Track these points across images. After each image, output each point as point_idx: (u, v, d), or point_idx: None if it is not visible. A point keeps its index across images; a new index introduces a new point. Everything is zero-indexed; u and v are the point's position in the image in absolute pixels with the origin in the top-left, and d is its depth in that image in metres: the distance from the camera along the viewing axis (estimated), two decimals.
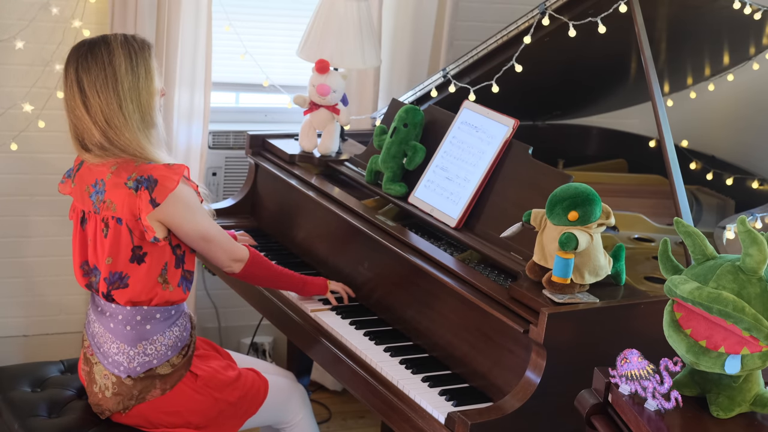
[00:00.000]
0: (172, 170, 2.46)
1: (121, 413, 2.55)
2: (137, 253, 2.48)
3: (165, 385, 2.55)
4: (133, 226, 2.46)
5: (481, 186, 2.78)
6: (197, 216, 2.52)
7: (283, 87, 3.78)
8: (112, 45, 2.46)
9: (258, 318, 3.86)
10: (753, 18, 3.06)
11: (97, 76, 2.44)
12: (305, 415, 2.84)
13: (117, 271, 2.49)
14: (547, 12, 2.97)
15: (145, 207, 2.43)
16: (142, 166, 2.46)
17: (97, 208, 2.50)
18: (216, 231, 2.58)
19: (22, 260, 3.72)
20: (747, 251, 1.87)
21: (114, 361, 2.53)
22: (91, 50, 2.46)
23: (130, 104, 2.46)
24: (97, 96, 2.44)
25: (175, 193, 2.45)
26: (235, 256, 2.64)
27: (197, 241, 2.54)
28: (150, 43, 2.55)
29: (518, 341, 2.36)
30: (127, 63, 2.46)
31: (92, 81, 2.44)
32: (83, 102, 2.45)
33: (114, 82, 2.44)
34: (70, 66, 2.48)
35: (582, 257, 2.36)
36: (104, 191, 2.48)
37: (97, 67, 2.44)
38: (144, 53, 2.49)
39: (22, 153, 3.57)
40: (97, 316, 2.58)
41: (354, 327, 2.75)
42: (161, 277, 2.52)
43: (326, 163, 3.32)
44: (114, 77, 2.44)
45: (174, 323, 2.57)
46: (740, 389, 1.92)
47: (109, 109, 2.44)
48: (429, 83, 3.41)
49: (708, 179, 3.66)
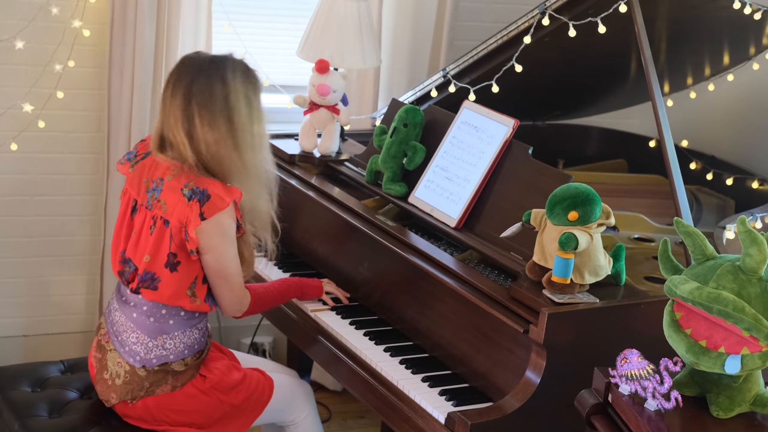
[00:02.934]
0: (227, 191, 2.45)
1: (128, 403, 2.55)
2: (171, 260, 2.48)
3: (176, 382, 2.55)
4: (176, 232, 2.45)
5: (481, 186, 2.78)
6: (226, 248, 2.49)
7: (283, 87, 3.78)
8: (229, 83, 2.45)
9: (258, 318, 3.86)
10: (753, 18, 3.06)
11: (211, 110, 2.42)
12: (309, 413, 2.83)
13: (151, 272, 2.49)
14: (547, 12, 2.97)
15: (193, 219, 2.42)
16: (202, 178, 2.45)
17: (150, 204, 2.50)
18: (235, 273, 2.54)
19: (22, 260, 3.72)
20: (747, 251, 1.87)
21: (131, 350, 2.54)
22: (208, 78, 2.43)
23: (245, 148, 2.47)
24: (209, 131, 2.42)
25: (221, 215, 2.43)
26: (239, 303, 2.61)
27: (213, 272, 2.51)
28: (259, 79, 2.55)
29: (518, 341, 2.36)
30: (245, 101, 2.47)
31: (204, 115, 2.42)
32: (186, 129, 2.43)
33: (229, 124, 2.44)
34: (182, 79, 2.45)
35: (582, 257, 2.36)
36: (161, 190, 2.48)
37: (212, 102, 2.42)
38: (257, 90, 2.52)
39: (22, 153, 3.57)
40: (120, 305, 2.58)
41: (354, 327, 2.75)
42: (190, 290, 2.51)
43: (326, 163, 3.32)
44: (228, 117, 2.44)
45: (195, 326, 2.58)
46: (740, 389, 1.92)
47: (216, 146, 2.44)
48: (429, 83, 3.41)
49: (708, 179, 3.66)
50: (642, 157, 3.82)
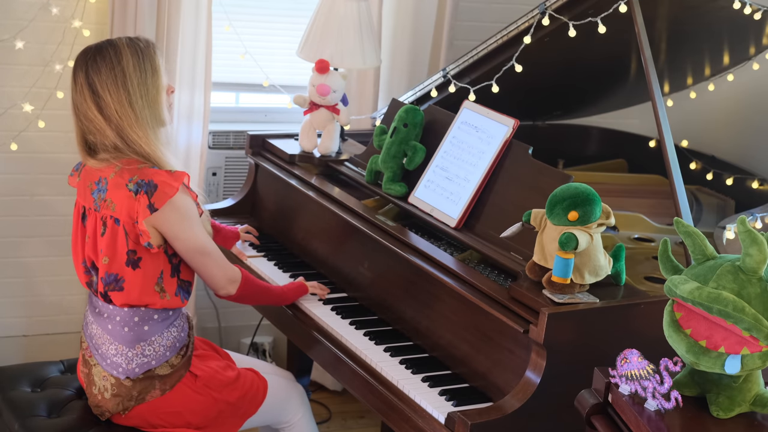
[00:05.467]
0: (173, 177, 2.46)
1: (121, 414, 2.55)
2: (132, 258, 2.48)
3: (164, 386, 2.55)
4: (130, 229, 2.46)
5: (481, 186, 2.78)
6: (194, 227, 2.51)
7: (283, 87, 3.78)
8: (118, 46, 2.50)
9: (258, 318, 3.86)
10: (753, 18, 3.06)
11: (107, 76, 2.47)
12: (304, 415, 2.84)
13: (113, 273, 2.49)
14: (547, 12, 2.97)
15: (142, 211, 2.43)
16: (145, 170, 2.46)
17: (97, 205, 2.50)
18: (212, 246, 2.56)
19: (22, 260, 3.72)
20: (747, 251, 1.87)
21: (113, 362, 2.53)
22: (98, 52, 2.49)
23: (140, 100, 2.48)
24: (109, 95, 2.46)
25: (173, 201, 2.44)
26: (230, 275, 2.61)
27: (192, 254, 2.52)
28: (153, 42, 2.58)
29: (518, 341, 2.36)
30: (135, 60, 2.49)
31: (103, 81, 2.47)
32: (96, 103, 2.47)
33: (123, 80, 2.47)
34: (79, 70, 2.50)
35: (582, 257, 2.36)
36: (106, 189, 2.48)
37: (107, 68, 2.47)
38: (149, 50, 2.53)
39: (22, 153, 3.57)
40: (94, 317, 2.58)
41: (354, 327, 2.75)
42: (158, 286, 2.51)
43: (326, 163, 3.32)
44: (123, 75, 2.47)
45: (172, 324, 2.57)
46: (740, 389, 1.92)
47: (120, 106, 2.46)
48: (429, 83, 3.41)
49: (708, 179, 3.66)
50: (642, 157, 3.82)
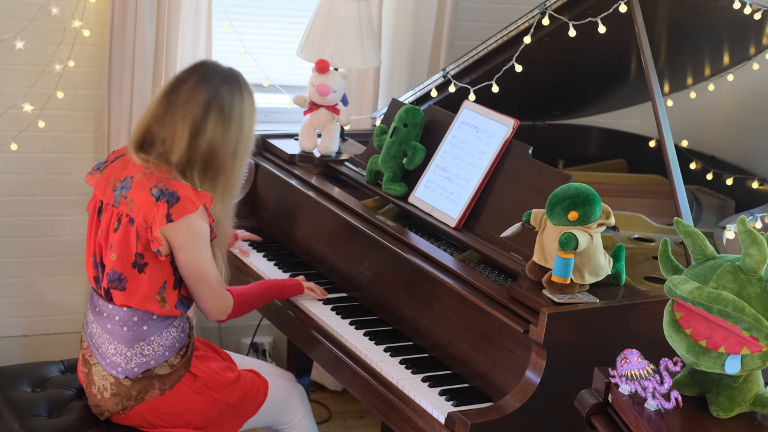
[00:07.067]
0: (197, 195, 2.45)
1: (120, 414, 2.55)
2: (139, 261, 2.47)
3: (164, 386, 2.55)
4: (142, 232, 2.45)
5: (481, 186, 2.78)
6: (200, 249, 2.49)
7: (283, 87, 3.78)
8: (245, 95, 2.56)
9: (258, 318, 3.86)
10: (753, 18, 3.06)
11: (230, 113, 2.51)
12: (304, 415, 2.84)
13: (118, 271, 2.49)
14: (547, 12, 2.97)
15: (159, 219, 2.42)
16: (173, 180, 2.45)
17: (116, 201, 2.50)
18: (213, 274, 2.54)
19: (22, 260, 3.72)
20: (747, 251, 1.87)
21: (112, 362, 2.53)
22: (243, 85, 2.57)
23: (233, 146, 2.52)
24: (217, 125, 2.49)
25: (191, 218, 2.44)
26: (222, 306, 2.60)
27: (190, 275, 2.51)
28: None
29: (518, 341, 2.36)
30: (249, 122, 2.57)
31: (226, 110, 2.50)
32: (198, 117, 2.47)
33: (238, 129, 2.52)
34: (208, 81, 2.51)
35: (582, 257, 2.36)
36: (129, 188, 2.48)
37: (234, 104, 2.52)
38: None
39: (22, 153, 3.57)
40: (95, 316, 2.58)
41: (354, 327, 2.75)
42: (159, 295, 2.50)
43: (326, 163, 3.32)
44: (239, 124, 2.53)
45: (171, 324, 2.57)
46: (740, 389, 1.92)
47: (215, 141, 2.49)
48: (429, 83, 3.41)
49: (708, 179, 3.66)
50: (642, 157, 3.82)
